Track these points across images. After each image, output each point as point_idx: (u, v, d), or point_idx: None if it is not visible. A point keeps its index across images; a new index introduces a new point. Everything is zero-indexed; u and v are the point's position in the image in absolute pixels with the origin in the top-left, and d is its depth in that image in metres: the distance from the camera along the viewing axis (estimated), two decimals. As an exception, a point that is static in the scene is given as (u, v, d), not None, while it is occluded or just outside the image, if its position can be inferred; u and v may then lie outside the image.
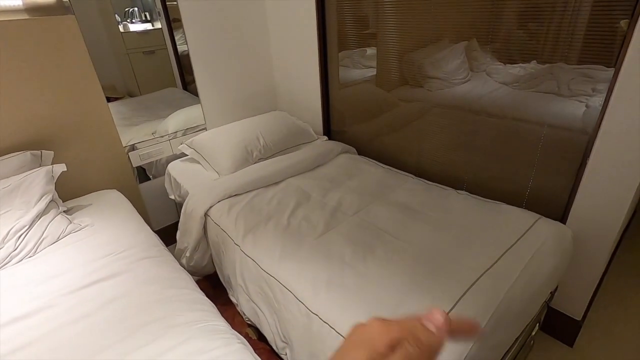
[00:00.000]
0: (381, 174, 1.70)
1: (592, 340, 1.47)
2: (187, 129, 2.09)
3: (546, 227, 1.24)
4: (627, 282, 1.73)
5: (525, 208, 1.37)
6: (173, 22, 1.92)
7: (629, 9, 1.03)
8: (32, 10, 1.48)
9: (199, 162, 1.86)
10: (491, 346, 0.93)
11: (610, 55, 1.11)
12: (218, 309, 1.09)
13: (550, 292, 1.27)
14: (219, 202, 1.52)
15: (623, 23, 1.06)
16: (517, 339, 1.07)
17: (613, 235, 1.24)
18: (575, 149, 1.26)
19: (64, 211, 1.44)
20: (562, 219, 1.33)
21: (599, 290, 1.39)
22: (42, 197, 1.36)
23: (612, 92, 1.10)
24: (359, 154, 2.01)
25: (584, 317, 1.44)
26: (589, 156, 1.20)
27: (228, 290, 1.52)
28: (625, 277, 1.75)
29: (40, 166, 1.47)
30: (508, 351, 1.04)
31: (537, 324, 1.28)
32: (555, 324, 1.47)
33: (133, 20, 1.85)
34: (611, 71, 1.10)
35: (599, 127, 1.15)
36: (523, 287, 1.03)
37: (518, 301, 1.01)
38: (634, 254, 1.87)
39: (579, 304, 1.41)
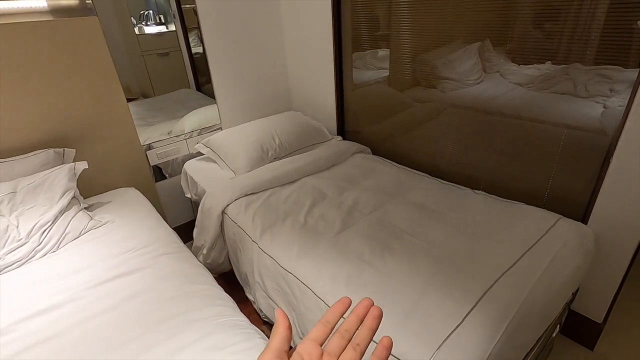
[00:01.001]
0: (397, 173, 1.70)
1: (613, 343, 1.44)
2: (203, 128, 2.11)
3: (567, 227, 1.22)
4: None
5: (544, 208, 1.36)
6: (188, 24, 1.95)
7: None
8: (56, 11, 1.52)
9: (214, 161, 1.88)
10: (513, 347, 0.92)
11: (627, 55, 1.10)
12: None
13: (572, 294, 1.25)
14: (235, 200, 1.54)
15: None
16: (538, 340, 1.06)
17: (637, 236, 1.22)
18: (596, 149, 1.24)
19: (85, 208, 1.47)
20: (583, 219, 1.31)
21: (620, 292, 1.36)
22: (64, 193, 1.39)
23: (636, 91, 1.08)
24: (374, 153, 2.01)
25: (605, 320, 1.41)
26: (612, 156, 1.18)
27: (244, 288, 1.53)
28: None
29: (62, 163, 1.50)
30: (529, 352, 1.03)
31: (558, 326, 1.26)
32: (576, 326, 1.44)
33: (148, 23, 1.88)
34: (630, 71, 1.09)
35: (623, 126, 1.13)
36: (544, 288, 1.02)
37: (540, 302, 0.99)
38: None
39: (600, 306, 1.38)
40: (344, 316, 0.33)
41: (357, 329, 0.31)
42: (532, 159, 1.42)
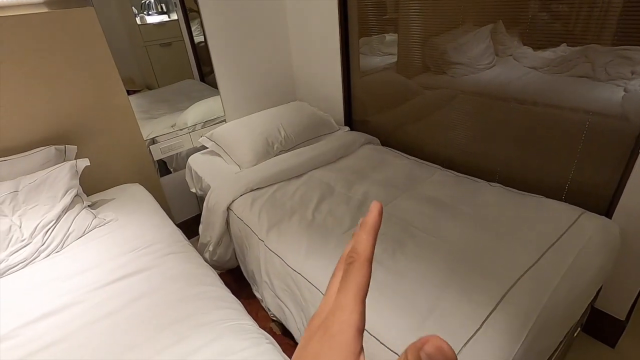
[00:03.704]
0: (407, 165, 1.64)
1: (636, 340, 1.39)
2: (207, 121, 2.06)
3: (591, 222, 1.15)
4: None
5: (565, 201, 1.29)
6: (189, 11, 1.88)
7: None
8: (51, 3, 1.46)
9: (219, 155, 1.84)
10: (536, 352, 0.87)
11: None
12: (242, 302, 1.07)
13: (596, 292, 1.19)
14: (241, 195, 1.50)
15: None
16: (560, 342, 1.00)
17: (665, 231, 1.15)
18: (621, 137, 1.16)
19: (88, 205, 1.44)
20: (608, 213, 1.24)
21: (644, 288, 1.30)
22: (67, 191, 1.36)
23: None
24: (383, 144, 1.94)
25: (628, 317, 1.35)
26: (641, 146, 1.10)
27: (252, 286, 1.50)
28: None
29: (64, 161, 1.47)
30: (551, 355, 0.98)
31: (580, 326, 1.21)
32: (597, 324, 1.39)
33: (150, 12, 1.82)
34: None
35: (655, 113, 1.05)
36: (568, 288, 0.96)
37: (563, 303, 0.94)
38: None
39: (623, 303, 1.32)
40: None
41: None
42: (551, 149, 1.35)
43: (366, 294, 0.22)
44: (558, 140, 1.31)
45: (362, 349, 0.21)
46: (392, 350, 0.85)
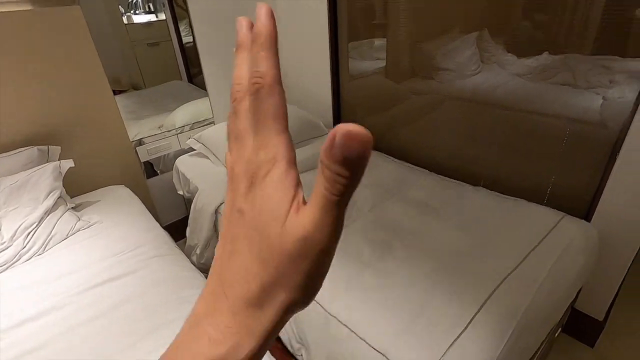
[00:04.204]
0: (395, 169, 1.66)
1: (614, 341, 1.43)
2: (195, 122, 2.05)
3: (571, 226, 1.19)
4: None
5: (546, 205, 1.32)
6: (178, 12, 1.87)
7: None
8: (36, 0, 1.43)
9: (207, 157, 1.82)
10: (519, 351, 0.89)
11: (626, 45, 1.07)
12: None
13: (576, 293, 1.23)
14: (229, 198, 1.49)
15: (639, 12, 1.01)
16: (542, 342, 1.03)
17: (641, 234, 1.20)
18: (600, 144, 1.20)
19: (72, 208, 1.41)
20: (587, 216, 1.28)
21: (620, 290, 1.35)
22: (50, 193, 1.33)
23: (646, 84, 1.04)
24: (372, 148, 1.95)
25: (606, 318, 1.39)
26: (618, 151, 1.14)
27: (240, 289, 1.49)
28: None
29: (47, 162, 1.43)
30: (534, 355, 1.01)
31: (561, 326, 1.25)
32: (576, 324, 1.43)
33: (137, 12, 1.80)
34: (629, 61, 1.07)
35: (631, 121, 1.09)
36: (550, 289, 0.99)
37: (545, 304, 0.97)
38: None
39: (601, 304, 1.37)
40: None
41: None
42: (533, 154, 1.39)
43: (287, 122, 0.19)
44: (540, 146, 1.35)
45: (299, 181, 0.19)
46: (380, 353, 0.86)
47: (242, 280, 0.19)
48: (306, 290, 0.19)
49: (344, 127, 0.16)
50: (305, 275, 0.18)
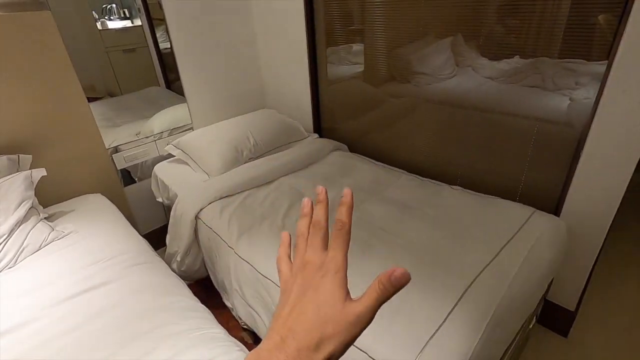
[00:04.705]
0: (374, 171, 1.69)
1: (586, 329, 1.50)
2: (173, 129, 2.02)
3: (541, 220, 1.24)
4: (616, 271, 1.77)
5: (519, 202, 1.38)
6: (154, 19, 1.85)
7: (607, 4, 1.06)
8: (4, 5, 1.39)
9: (187, 163, 1.81)
10: (495, 342, 0.93)
11: (590, 49, 1.14)
12: (212, 312, 1.05)
13: (547, 285, 1.28)
14: (210, 204, 1.48)
15: (601, 18, 1.09)
16: (517, 333, 1.07)
17: (606, 226, 1.26)
18: (566, 142, 1.27)
19: (45, 218, 1.37)
20: (556, 211, 1.35)
21: (590, 280, 1.41)
22: (21, 203, 1.29)
23: (604, 85, 1.10)
24: (351, 151, 1.99)
25: (577, 307, 1.46)
26: (582, 149, 1.21)
27: (222, 295, 1.48)
28: (614, 267, 1.79)
29: (18, 171, 1.39)
30: (509, 346, 1.04)
31: (535, 317, 1.29)
32: (550, 315, 1.49)
33: (111, 17, 1.77)
34: (593, 65, 1.12)
35: (592, 119, 1.16)
36: (523, 281, 1.03)
37: (518, 296, 1.01)
38: (622, 245, 1.92)
39: (572, 295, 1.43)
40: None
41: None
42: (505, 153, 1.45)
43: (348, 249, 0.32)
44: (511, 145, 1.41)
45: (346, 282, 0.31)
46: (359, 349, 0.87)
47: (306, 331, 0.29)
48: (347, 346, 0.29)
49: (400, 270, 0.28)
50: (352, 337, 0.29)
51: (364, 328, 0.29)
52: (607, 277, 1.72)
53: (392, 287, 0.28)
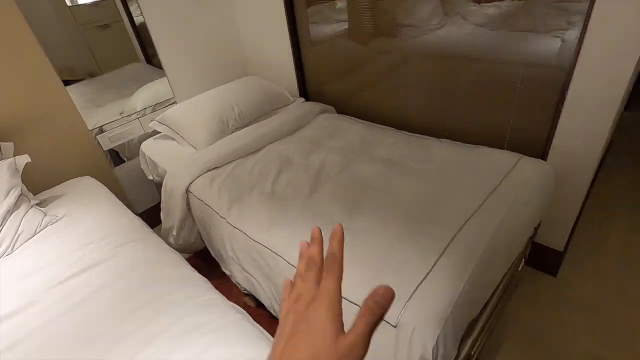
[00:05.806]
0: (362, 130, 1.67)
1: (574, 268, 1.55)
2: (156, 104, 1.98)
3: (528, 165, 1.25)
4: (606, 212, 1.80)
5: (507, 149, 1.38)
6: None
7: None
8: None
9: (173, 138, 1.78)
10: (481, 285, 0.96)
11: None
12: (214, 283, 1.08)
13: (534, 228, 1.31)
14: (199, 176, 1.48)
15: None
16: (504, 275, 1.11)
17: (592, 168, 1.27)
18: (553, 85, 1.24)
19: (36, 204, 1.38)
20: (543, 156, 1.35)
21: (579, 221, 1.44)
22: (9, 191, 1.29)
23: (588, 24, 1.06)
24: (339, 112, 1.96)
25: (566, 248, 1.50)
26: (567, 91, 1.18)
27: (220, 264, 1.52)
28: (604, 208, 1.82)
29: (1, 159, 1.38)
30: (497, 288, 1.08)
31: (523, 260, 1.33)
32: (539, 256, 1.53)
33: (80, -9, 1.67)
34: (585, 2, 1.07)
35: (576, 60, 1.13)
36: (508, 227, 1.05)
37: (503, 240, 1.03)
38: (608, 186, 1.94)
39: (560, 236, 1.47)
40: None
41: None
42: (493, 101, 1.42)
43: (342, 276, 0.33)
44: (498, 92, 1.39)
45: (341, 311, 0.32)
46: (348, 300, 0.91)
47: None
48: None
49: (382, 289, 0.29)
50: None
51: (361, 357, 0.30)
52: (596, 218, 1.76)
53: (379, 307, 0.29)
